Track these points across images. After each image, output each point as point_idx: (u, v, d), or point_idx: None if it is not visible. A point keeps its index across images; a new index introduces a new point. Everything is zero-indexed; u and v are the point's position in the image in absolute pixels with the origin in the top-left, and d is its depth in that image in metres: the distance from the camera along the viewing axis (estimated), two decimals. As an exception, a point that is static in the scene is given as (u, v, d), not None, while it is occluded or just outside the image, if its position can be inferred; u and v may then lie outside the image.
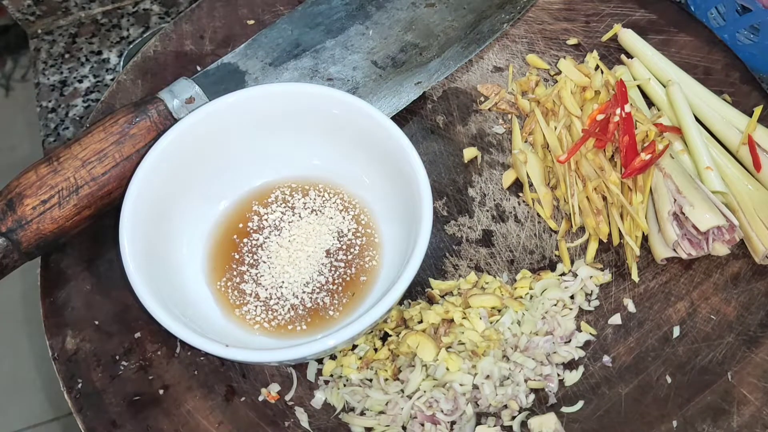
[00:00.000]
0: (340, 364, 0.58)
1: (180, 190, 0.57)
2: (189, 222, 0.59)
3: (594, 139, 0.64)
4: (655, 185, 0.63)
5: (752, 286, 0.62)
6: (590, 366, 0.59)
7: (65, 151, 0.58)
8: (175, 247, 0.57)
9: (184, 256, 0.58)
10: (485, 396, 0.56)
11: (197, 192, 0.59)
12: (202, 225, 0.60)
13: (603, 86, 0.68)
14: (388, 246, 0.60)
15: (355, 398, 0.57)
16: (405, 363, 0.57)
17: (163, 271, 0.54)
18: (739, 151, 0.66)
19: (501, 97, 0.71)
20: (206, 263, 0.59)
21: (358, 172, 0.61)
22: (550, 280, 0.62)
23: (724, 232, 0.61)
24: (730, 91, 0.70)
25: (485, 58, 0.74)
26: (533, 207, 0.66)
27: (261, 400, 0.58)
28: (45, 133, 0.77)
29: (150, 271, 0.52)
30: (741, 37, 0.76)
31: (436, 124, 0.70)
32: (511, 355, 0.58)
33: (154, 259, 0.54)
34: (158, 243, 0.55)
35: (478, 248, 0.64)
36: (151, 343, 0.60)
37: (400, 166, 0.55)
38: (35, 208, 0.56)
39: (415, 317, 0.59)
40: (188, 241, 0.59)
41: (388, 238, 0.60)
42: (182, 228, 0.58)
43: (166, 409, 0.57)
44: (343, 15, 0.71)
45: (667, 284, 0.62)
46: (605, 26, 0.74)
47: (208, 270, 0.59)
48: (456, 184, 0.67)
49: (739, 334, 0.60)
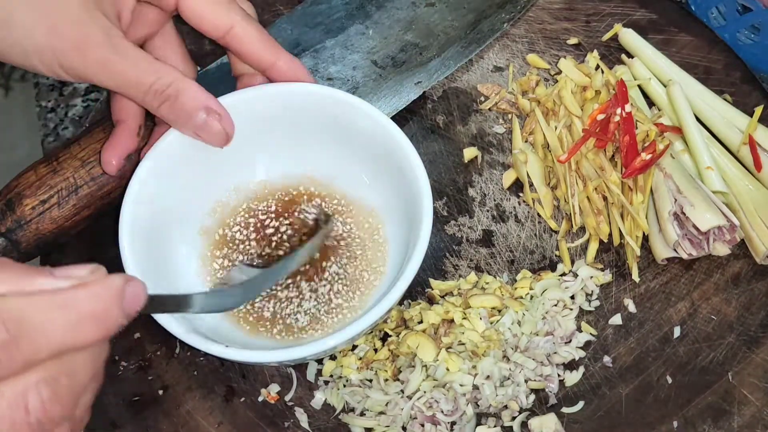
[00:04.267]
0: (340, 364, 0.58)
1: (180, 190, 0.57)
2: (189, 222, 0.59)
3: (594, 138, 0.64)
4: (656, 185, 0.63)
5: (753, 286, 0.62)
6: (591, 366, 0.59)
7: (64, 151, 0.58)
8: (175, 247, 0.57)
9: (182, 257, 0.58)
10: (485, 396, 0.56)
11: (197, 192, 0.59)
12: (202, 225, 0.60)
13: (603, 86, 0.68)
14: (388, 246, 0.60)
15: (355, 399, 0.57)
16: (405, 363, 0.57)
17: (162, 270, 0.54)
18: (739, 151, 0.66)
19: (501, 97, 0.71)
20: (205, 264, 0.59)
21: (357, 172, 0.60)
22: (550, 280, 0.62)
23: (725, 232, 0.61)
24: (731, 91, 0.70)
25: (485, 57, 0.74)
26: (533, 207, 0.66)
27: (261, 401, 0.58)
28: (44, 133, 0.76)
29: (149, 270, 0.52)
30: (742, 36, 0.76)
31: (436, 124, 0.70)
32: (512, 355, 0.58)
33: (153, 259, 0.53)
34: (157, 243, 0.55)
35: (479, 248, 0.64)
36: (151, 343, 0.60)
37: (400, 165, 0.55)
38: (34, 208, 0.56)
39: (415, 317, 0.59)
40: (188, 241, 0.59)
41: (389, 237, 0.60)
42: (182, 228, 0.58)
43: (165, 410, 0.57)
44: (343, 15, 0.71)
45: (667, 284, 0.62)
46: (606, 26, 0.74)
47: (206, 271, 0.59)
48: (456, 184, 0.67)
49: (740, 335, 0.60)
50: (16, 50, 0.48)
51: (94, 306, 0.33)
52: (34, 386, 0.32)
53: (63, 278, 0.34)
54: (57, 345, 0.32)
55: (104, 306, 0.34)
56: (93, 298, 0.33)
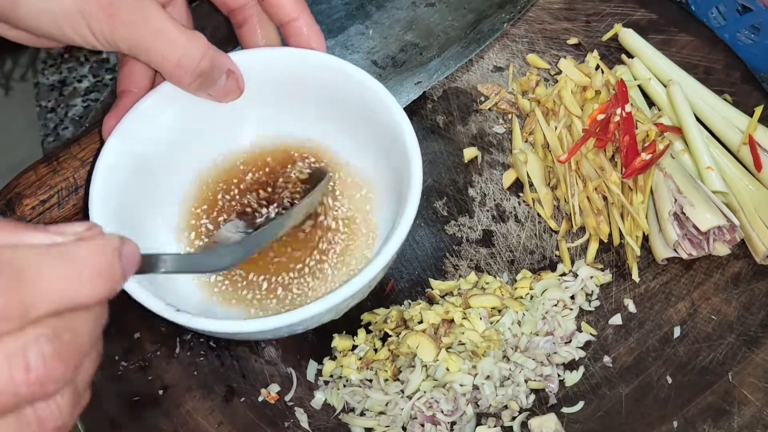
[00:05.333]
0: (340, 364, 0.58)
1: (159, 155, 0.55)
2: (167, 189, 0.57)
3: (594, 138, 0.64)
4: (656, 185, 0.63)
5: (753, 286, 0.62)
6: (591, 366, 0.59)
7: (64, 151, 0.58)
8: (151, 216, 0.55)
9: (159, 226, 0.55)
10: (485, 396, 0.56)
11: (177, 158, 0.56)
12: (181, 192, 0.57)
13: (603, 86, 0.68)
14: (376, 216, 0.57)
15: (355, 399, 0.57)
16: (405, 363, 0.57)
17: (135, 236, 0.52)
18: (739, 151, 0.66)
19: (501, 97, 0.71)
20: (183, 233, 0.56)
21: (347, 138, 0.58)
22: (550, 280, 0.62)
23: (725, 232, 0.61)
24: (731, 91, 0.70)
25: (485, 57, 0.74)
26: (534, 207, 0.66)
27: (260, 401, 0.58)
28: (44, 133, 0.77)
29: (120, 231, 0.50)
30: (742, 36, 0.76)
31: (436, 124, 0.70)
32: (512, 355, 0.58)
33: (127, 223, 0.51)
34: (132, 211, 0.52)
35: (479, 248, 0.64)
36: (151, 343, 0.60)
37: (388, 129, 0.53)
38: (34, 208, 0.56)
39: (415, 317, 0.59)
40: (165, 209, 0.56)
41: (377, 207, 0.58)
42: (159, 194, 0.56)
43: (165, 410, 0.57)
44: (343, 14, 0.71)
45: (667, 284, 0.62)
46: (606, 26, 0.74)
47: (184, 241, 0.56)
48: (456, 184, 0.67)
49: (740, 335, 0.60)
50: (46, 17, 0.46)
51: (97, 260, 0.32)
52: (35, 341, 0.29)
53: (58, 234, 0.32)
54: (58, 298, 0.30)
55: (107, 261, 0.32)
56: (95, 253, 0.32)
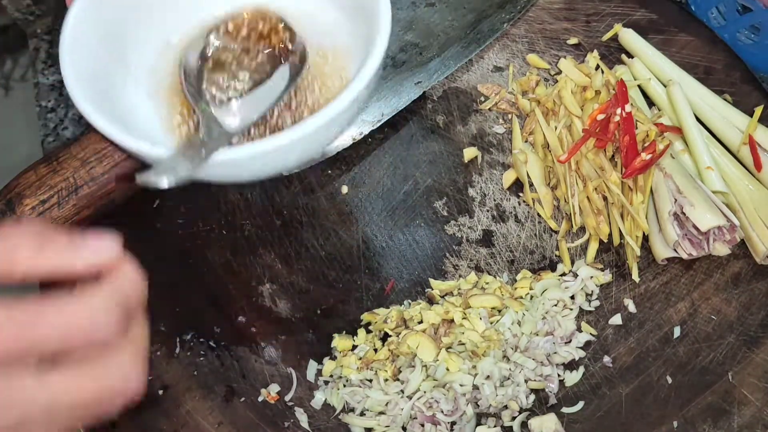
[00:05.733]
0: (340, 364, 0.58)
1: (130, 19, 0.53)
2: (140, 59, 0.55)
3: (594, 138, 0.64)
4: (656, 185, 0.63)
5: (753, 286, 0.62)
6: (591, 366, 0.59)
7: (64, 151, 0.58)
8: (122, 81, 0.54)
9: (134, 94, 0.54)
10: (485, 396, 0.56)
11: (149, 23, 0.55)
12: (154, 61, 0.56)
13: (603, 86, 0.68)
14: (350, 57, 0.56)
15: (355, 399, 0.57)
16: (405, 363, 0.57)
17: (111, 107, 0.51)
18: (739, 151, 0.66)
19: (501, 97, 0.71)
20: (159, 106, 0.55)
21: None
22: (550, 280, 0.62)
23: (725, 232, 0.61)
24: (731, 91, 0.70)
25: (485, 57, 0.74)
26: (533, 207, 0.66)
27: (260, 401, 0.58)
28: (44, 133, 0.76)
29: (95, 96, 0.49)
30: (741, 36, 0.76)
31: (436, 124, 0.70)
32: (512, 355, 0.58)
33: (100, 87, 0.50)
34: (105, 83, 0.51)
35: (479, 248, 0.64)
36: (151, 343, 0.60)
37: None
38: (34, 208, 0.56)
39: (415, 317, 0.59)
40: (140, 81, 0.55)
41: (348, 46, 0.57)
42: (133, 64, 0.55)
43: (165, 410, 0.57)
44: (343, 14, 0.70)
45: (667, 284, 0.62)
46: (606, 26, 0.74)
47: (161, 115, 0.55)
48: (456, 184, 0.67)
49: (740, 335, 0.60)
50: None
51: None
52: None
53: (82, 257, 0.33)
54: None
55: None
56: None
